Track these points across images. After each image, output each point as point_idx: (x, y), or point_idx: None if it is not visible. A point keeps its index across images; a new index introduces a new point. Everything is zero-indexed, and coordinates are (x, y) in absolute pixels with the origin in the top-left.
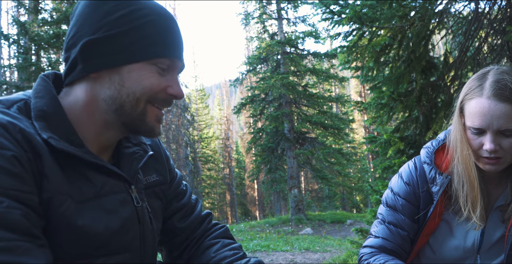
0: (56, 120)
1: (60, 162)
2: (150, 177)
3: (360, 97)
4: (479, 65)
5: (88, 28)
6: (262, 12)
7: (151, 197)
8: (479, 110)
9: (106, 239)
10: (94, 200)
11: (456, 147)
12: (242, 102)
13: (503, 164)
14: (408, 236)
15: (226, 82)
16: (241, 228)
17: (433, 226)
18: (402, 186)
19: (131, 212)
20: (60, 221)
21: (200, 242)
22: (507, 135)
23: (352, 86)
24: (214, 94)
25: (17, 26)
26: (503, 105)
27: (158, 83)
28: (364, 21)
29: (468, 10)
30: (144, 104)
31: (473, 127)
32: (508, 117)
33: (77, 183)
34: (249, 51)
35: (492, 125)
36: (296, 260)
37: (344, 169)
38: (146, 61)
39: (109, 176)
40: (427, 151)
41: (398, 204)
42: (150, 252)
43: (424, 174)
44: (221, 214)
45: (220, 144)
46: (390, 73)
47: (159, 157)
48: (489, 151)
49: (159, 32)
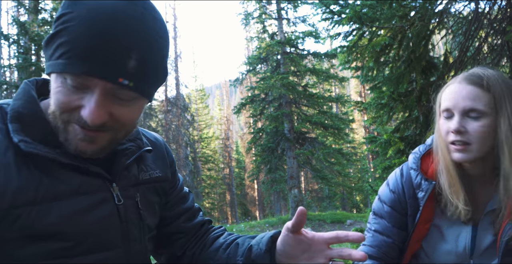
0: (32, 121)
1: (30, 164)
2: (154, 172)
3: (360, 97)
4: (479, 65)
5: None
6: (262, 12)
7: (150, 191)
8: (449, 92)
9: (79, 239)
10: (68, 199)
11: (436, 142)
12: (242, 102)
13: (471, 152)
14: (394, 243)
15: (226, 82)
16: (241, 228)
17: (424, 231)
18: (388, 194)
19: (110, 211)
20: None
21: (204, 238)
22: (473, 118)
23: (352, 86)
24: (214, 94)
25: (17, 26)
26: (471, 87)
27: (65, 100)
28: (364, 21)
29: (468, 10)
30: (61, 120)
31: (443, 110)
32: (473, 98)
33: (50, 182)
34: (249, 51)
35: (458, 105)
36: None
37: (344, 169)
38: (58, 73)
39: (88, 175)
40: (414, 156)
41: (384, 212)
42: (137, 248)
43: (410, 180)
44: (221, 214)
45: (220, 144)
46: (390, 73)
47: (161, 156)
48: (454, 130)
49: (71, 41)
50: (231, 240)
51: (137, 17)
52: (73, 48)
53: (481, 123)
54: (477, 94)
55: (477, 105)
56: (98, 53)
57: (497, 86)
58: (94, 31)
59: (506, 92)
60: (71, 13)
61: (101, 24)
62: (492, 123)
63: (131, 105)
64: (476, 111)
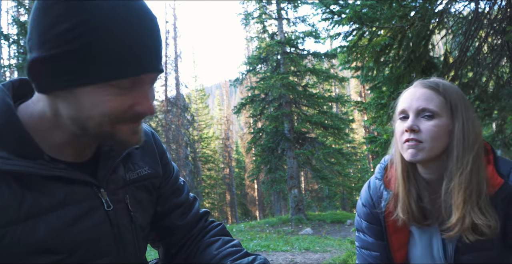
0: (8, 132)
1: (9, 183)
2: (142, 170)
3: (360, 97)
4: (479, 65)
5: (35, 39)
6: (262, 12)
7: (140, 190)
8: (405, 95)
9: (70, 251)
10: (53, 212)
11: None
12: (242, 102)
13: (423, 151)
14: (381, 256)
15: (226, 82)
16: (241, 228)
17: (402, 239)
18: (361, 208)
19: (99, 218)
20: (8, 250)
21: (198, 239)
22: (426, 118)
23: (352, 86)
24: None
25: (17, 26)
26: (424, 89)
27: (119, 106)
28: (364, 21)
29: (468, 10)
30: (109, 126)
31: (399, 112)
32: (426, 99)
33: (34, 197)
34: (249, 51)
35: (412, 105)
36: (296, 260)
37: (344, 169)
38: (99, 84)
39: (74, 184)
40: (379, 166)
41: (363, 226)
42: (131, 251)
43: (376, 190)
44: (221, 214)
45: (220, 144)
46: (390, 73)
47: (150, 150)
48: (408, 127)
49: (114, 48)
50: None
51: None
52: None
53: (433, 122)
54: (431, 95)
55: (430, 105)
56: (150, 50)
57: (453, 93)
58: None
59: (461, 100)
60: (96, 17)
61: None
62: (445, 125)
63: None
64: (429, 111)
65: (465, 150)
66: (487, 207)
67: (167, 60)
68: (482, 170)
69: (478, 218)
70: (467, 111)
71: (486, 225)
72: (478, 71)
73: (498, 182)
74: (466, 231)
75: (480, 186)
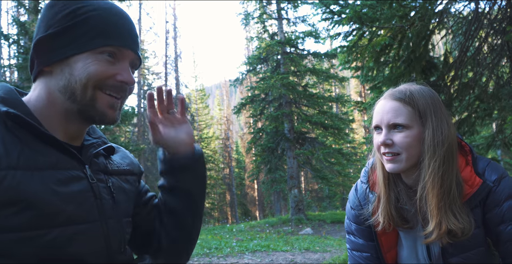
0: (14, 103)
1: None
2: (121, 165)
3: (360, 97)
4: (479, 65)
5: (42, 28)
6: (262, 12)
7: (123, 181)
8: (377, 108)
9: (60, 208)
10: (46, 171)
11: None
12: (242, 102)
13: (401, 162)
14: (372, 256)
15: (226, 82)
16: (241, 228)
17: (391, 241)
18: (350, 211)
19: (84, 186)
20: (4, 195)
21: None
22: (398, 131)
23: (352, 86)
24: (214, 94)
25: (17, 26)
26: (393, 102)
27: (104, 70)
28: (364, 21)
29: (468, 10)
30: (92, 89)
31: (374, 127)
32: (395, 112)
33: (31, 153)
34: (249, 51)
35: (383, 120)
36: (296, 260)
37: (344, 169)
38: (91, 51)
39: (64, 154)
40: (364, 170)
41: (352, 229)
42: (115, 225)
43: (363, 193)
44: (221, 214)
45: (220, 144)
46: (390, 73)
47: (127, 156)
48: (381, 143)
49: (101, 24)
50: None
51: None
52: (107, 28)
53: (404, 134)
54: (398, 108)
55: (398, 119)
56: (127, 31)
57: (421, 100)
58: (120, 16)
59: (430, 106)
60: (89, 6)
61: (121, 12)
62: (417, 133)
63: (133, 73)
64: (398, 125)
65: (436, 156)
66: (460, 210)
67: (167, 60)
68: (453, 173)
69: (451, 223)
70: (438, 116)
71: (459, 229)
72: (478, 71)
73: (477, 182)
74: (442, 236)
75: (451, 189)
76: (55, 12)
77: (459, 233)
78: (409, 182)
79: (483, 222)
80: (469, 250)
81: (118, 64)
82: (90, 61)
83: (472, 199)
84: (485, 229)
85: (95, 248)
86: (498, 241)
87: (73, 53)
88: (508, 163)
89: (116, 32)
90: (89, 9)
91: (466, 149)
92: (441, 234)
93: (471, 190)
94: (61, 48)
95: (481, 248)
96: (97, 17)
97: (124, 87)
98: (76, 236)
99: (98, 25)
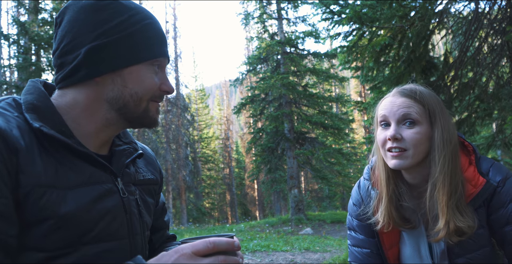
0: (47, 112)
1: (48, 151)
2: (147, 174)
3: (360, 97)
4: (479, 65)
5: (87, 35)
6: (262, 12)
7: (146, 192)
8: (384, 103)
9: (91, 226)
10: (81, 188)
11: (375, 153)
12: (242, 102)
13: (407, 158)
14: (372, 252)
15: (226, 82)
16: (241, 228)
17: (393, 238)
18: (352, 207)
19: (117, 202)
20: (41, 213)
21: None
22: (408, 127)
23: (352, 86)
24: (214, 94)
25: (17, 26)
26: (403, 98)
27: (156, 82)
28: (364, 21)
29: (468, 10)
30: (146, 102)
31: (380, 121)
32: (407, 106)
33: (64, 170)
34: (249, 51)
35: (393, 113)
36: (296, 260)
37: (344, 169)
38: (144, 62)
39: (96, 167)
40: (367, 167)
41: (354, 225)
42: (140, 242)
43: (365, 189)
44: (221, 214)
45: (220, 144)
46: (390, 73)
47: (151, 162)
48: (391, 136)
49: (154, 34)
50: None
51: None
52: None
53: (415, 130)
54: (410, 104)
55: (411, 112)
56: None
57: (430, 99)
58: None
59: (438, 106)
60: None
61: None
62: (426, 131)
63: None
64: (410, 119)
65: (445, 155)
66: (464, 208)
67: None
68: (458, 172)
69: (459, 220)
70: (444, 116)
71: (466, 226)
72: (478, 71)
73: (480, 181)
74: (450, 234)
75: (458, 188)
76: (105, 19)
77: (466, 232)
78: (411, 180)
79: (487, 223)
80: (475, 251)
81: (160, 73)
82: (144, 73)
83: (475, 199)
84: (490, 229)
85: None
86: (503, 242)
87: (127, 64)
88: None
89: (162, 42)
90: (141, 18)
91: (469, 149)
92: (450, 233)
93: (474, 190)
94: (115, 59)
95: (487, 248)
96: (149, 27)
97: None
98: (103, 253)
99: (151, 36)
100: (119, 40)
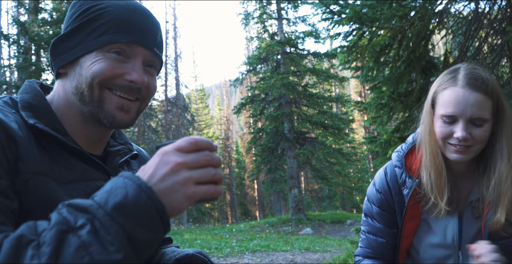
0: (42, 111)
1: (43, 147)
2: None
3: (360, 97)
4: (479, 65)
5: (63, 31)
6: (262, 12)
7: None
8: (454, 98)
9: None
10: (75, 183)
11: (425, 139)
12: (242, 102)
13: (471, 153)
14: (387, 242)
15: (226, 82)
16: (241, 228)
17: (412, 227)
18: (375, 194)
19: None
20: (41, 201)
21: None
22: (477, 125)
23: (352, 86)
24: (214, 94)
25: (17, 26)
26: (476, 94)
27: (110, 68)
28: (364, 21)
29: (468, 10)
30: (98, 89)
31: (446, 115)
32: (480, 106)
33: (59, 167)
34: (249, 51)
35: (465, 113)
36: (296, 260)
37: (344, 169)
38: (99, 49)
39: (89, 165)
40: (397, 154)
41: (373, 212)
42: None
43: (396, 178)
44: (221, 214)
45: (220, 144)
46: (390, 73)
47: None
48: (461, 138)
49: (111, 21)
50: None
51: (140, 4)
52: (116, 24)
53: (484, 128)
54: (483, 101)
55: (483, 113)
56: (140, 27)
57: (498, 90)
58: (133, 11)
59: (502, 96)
60: (102, 4)
61: (136, 7)
62: (491, 126)
63: (154, 76)
64: (482, 119)
65: (510, 147)
66: None
67: (167, 60)
68: None
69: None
70: (508, 108)
71: None
72: None
73: None
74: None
75: None
76: (72, 13)
77: None
78: (459, 168)
79: None
80: None
81: (128, 62)
82: (96, 59)
83: None
84: None
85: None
86: None
87: (82, 53)
88: None
89: (126, 29)
90: (100, 7)
91: None
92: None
93: None
94: (73, 49)
95: None
96: (107, 15)
97: (134, 87)
98: None
99: (107, 22)
100: (74, 30)
